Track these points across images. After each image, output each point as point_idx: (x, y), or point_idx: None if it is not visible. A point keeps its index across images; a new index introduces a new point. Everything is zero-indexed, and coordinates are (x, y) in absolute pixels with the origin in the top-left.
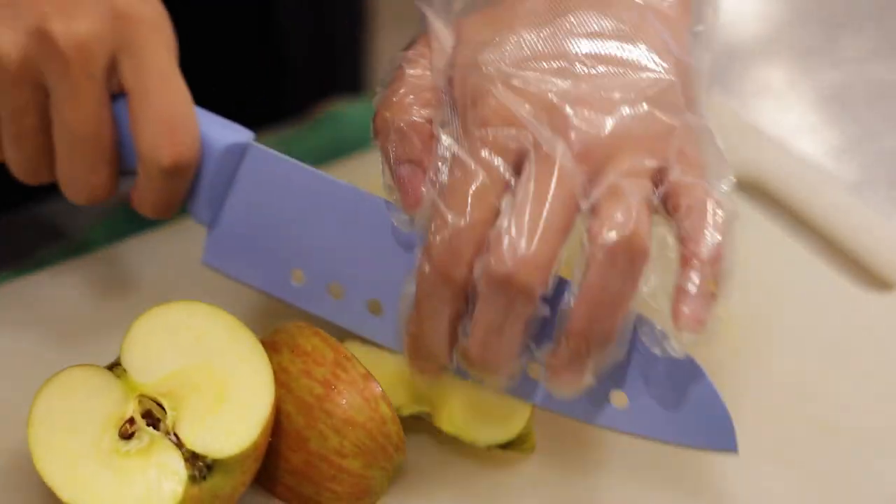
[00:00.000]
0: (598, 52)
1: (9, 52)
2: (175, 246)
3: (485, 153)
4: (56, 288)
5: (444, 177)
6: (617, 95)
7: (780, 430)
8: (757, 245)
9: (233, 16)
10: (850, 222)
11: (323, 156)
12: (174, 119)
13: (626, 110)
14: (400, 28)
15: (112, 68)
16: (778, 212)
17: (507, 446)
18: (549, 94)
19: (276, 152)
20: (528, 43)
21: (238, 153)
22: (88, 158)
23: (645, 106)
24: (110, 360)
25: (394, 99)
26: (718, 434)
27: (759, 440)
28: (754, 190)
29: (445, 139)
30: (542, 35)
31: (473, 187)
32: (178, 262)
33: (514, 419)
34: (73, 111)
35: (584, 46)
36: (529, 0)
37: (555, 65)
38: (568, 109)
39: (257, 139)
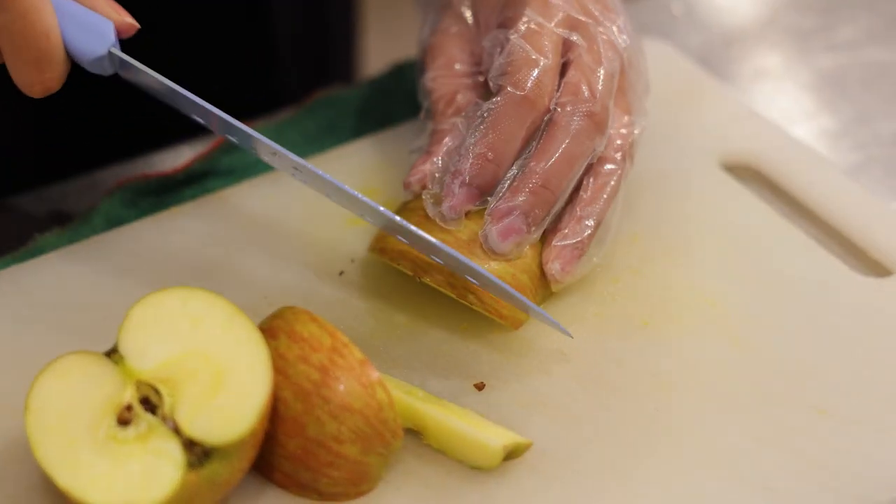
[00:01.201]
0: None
1: None
2: (172, 231)
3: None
4: (53, 274)
5: (514, 45)
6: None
7: (778, 416)
8: (754, 230)
9: (225, 4)
10: (847, 207)
11: (317, 141)
12: (39, 57)
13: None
14: (387, 16)
15: None
16: (775, 196)
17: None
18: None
19: (132, 61)
20: None
21: (105, 59)
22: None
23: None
24: (108, 346)
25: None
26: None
27: (755, 425)
28: (752, 174)
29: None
30: None
31: (546, 41)
32: (176, 249)
33: (489, 450)
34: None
35: None
36: None
37: None
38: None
39: (251, 126)
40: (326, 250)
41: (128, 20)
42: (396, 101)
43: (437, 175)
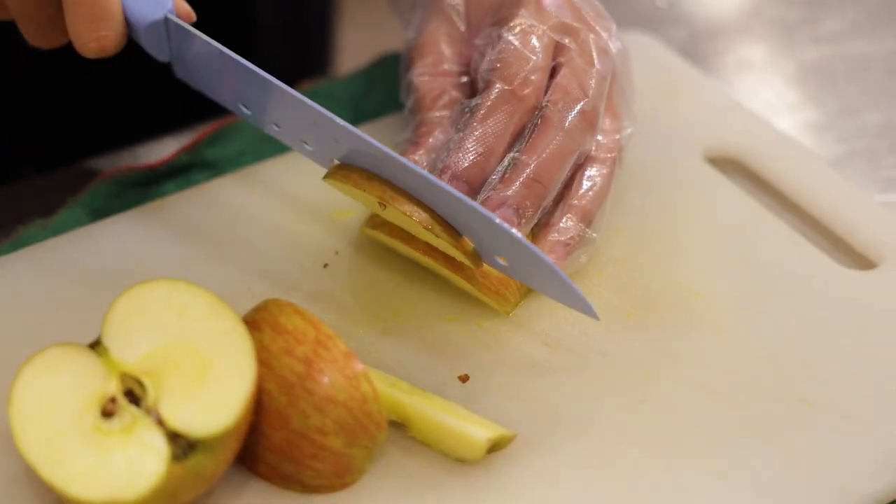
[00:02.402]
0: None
1: None
2: (156, 223)
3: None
4: (36, 267)
5: (507, 42)
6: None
7: (763, 408)
8: (739, 222)
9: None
10: (832, 200)
11: None
12: (97, 12)
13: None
14: (364, 11)
15: None
16: (760, 189)
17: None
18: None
19: (190, 28)
20: None
21: (161, 25)
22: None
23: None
24: (92, 338)
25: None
26: (579, 304)
27: (742, 418)
28: (736, 167)
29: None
30: None
31: (538, 41)
32: (160, 240)
33: (473, 443)
34: None
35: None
36: None
37: None
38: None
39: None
40: (311, 243)
41: (186, 7)
42: (381, 94)
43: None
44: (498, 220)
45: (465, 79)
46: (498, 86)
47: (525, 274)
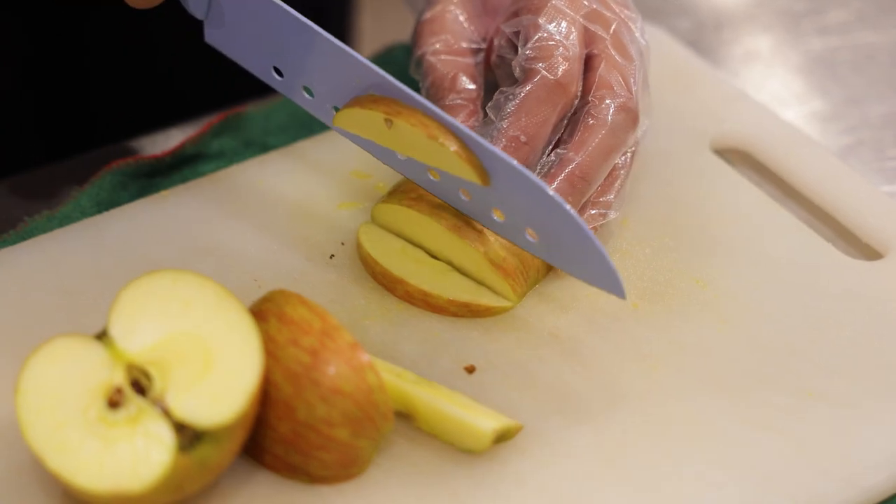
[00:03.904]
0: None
1: None
2: (162, 214)
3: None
4: (43, 257)
5: (545, 31)
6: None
7: (767, 398)
8: (744, 212)
9: None
10: (838, 190)
11: (307, 124)
12: None
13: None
14: (382, 4)
15: None
16: (766, 179)
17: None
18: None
19: None
20: None
21: None
22: None
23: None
24: (98, 329)
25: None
26: (609, 282)
27: (746, 408)
28: (742, 157)
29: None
30: None
31: (574, 30)
32: (165, 232)
33: (479, 434)
34: None
35: None
36: None
37: None
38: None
39: (246, 108)
40: (317, 233)
41: None
42: None
43: None
44: (537, 181)
45: (480, 56)
46: (543, 74)
47: (555, 246)
